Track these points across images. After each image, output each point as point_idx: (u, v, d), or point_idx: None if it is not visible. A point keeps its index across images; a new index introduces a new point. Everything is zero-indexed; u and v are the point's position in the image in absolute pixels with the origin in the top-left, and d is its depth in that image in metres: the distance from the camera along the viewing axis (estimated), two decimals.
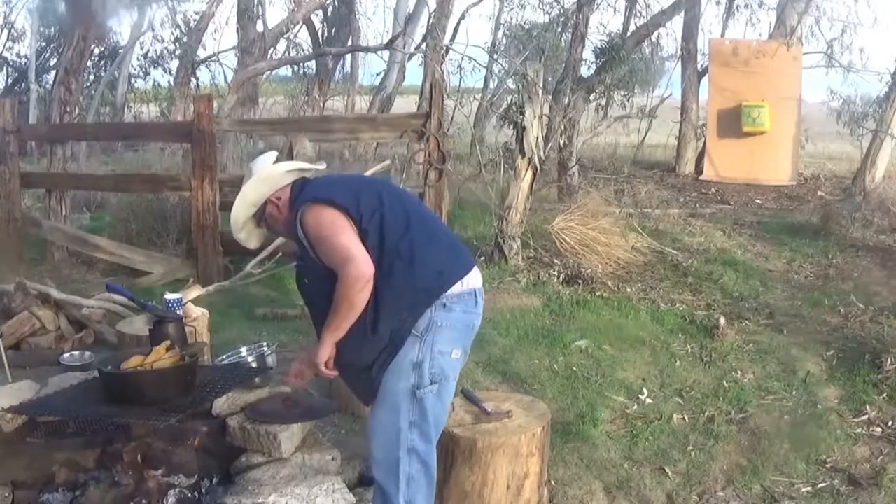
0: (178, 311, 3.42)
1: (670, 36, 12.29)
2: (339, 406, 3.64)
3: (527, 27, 11.05)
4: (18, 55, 15.62)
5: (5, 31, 15.42)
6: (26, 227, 6.87)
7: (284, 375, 2.81)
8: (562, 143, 8.98)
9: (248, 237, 2.59)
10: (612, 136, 11.84)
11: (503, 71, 10.80)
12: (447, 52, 11.41)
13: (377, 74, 14.05)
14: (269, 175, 2.49)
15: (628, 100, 10.54)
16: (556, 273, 6.18)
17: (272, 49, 12.46)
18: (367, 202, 2.38)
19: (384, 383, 2.40)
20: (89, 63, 12.60)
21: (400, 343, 2.36)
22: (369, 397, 2.47)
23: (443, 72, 10.15)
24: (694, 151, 11.84)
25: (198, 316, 3.79)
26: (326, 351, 2.39)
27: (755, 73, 10.75)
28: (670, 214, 8.46)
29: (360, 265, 2.27)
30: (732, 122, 10.78)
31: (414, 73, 14.58)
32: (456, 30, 14.03)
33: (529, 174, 6.53)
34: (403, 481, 2.42)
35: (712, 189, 10.51)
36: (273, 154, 2.61)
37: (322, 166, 2.65)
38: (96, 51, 13.69)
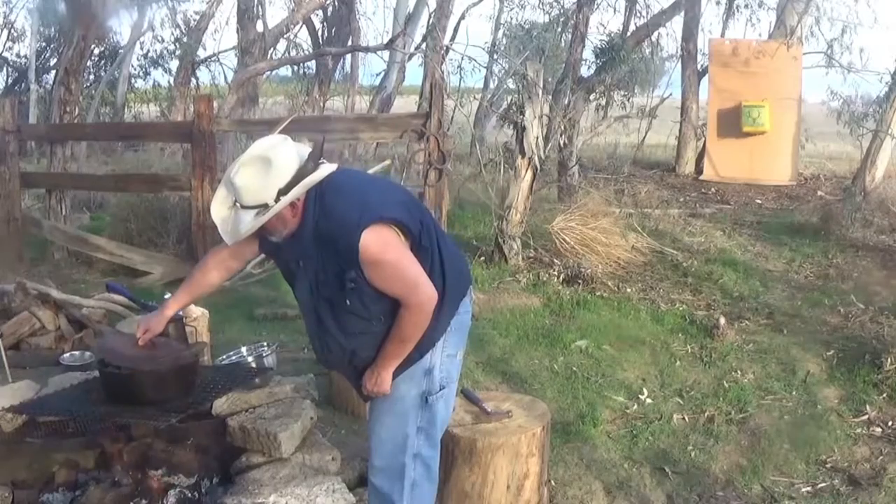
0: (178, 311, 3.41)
1: (670, 36, 12.29)
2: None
3: (527, 27, 11.00)
4: (18, 55, 15.62)
5: (5, 31, 15.43)
6: (26, 227, 6.87)
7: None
8: (562, 143, 8.96)
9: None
10: (612, 136, 11.83)
11: (503, 71, 10.79)
12: (447, 52, 11.39)
13: (377, 74, 14.07)
14: (308, 182, 2.20)
15: (628, 100, 10.52)
16: (556, 273, 6.17)
17: (272, 49, 12.43)
18: (416, 214, 2.26)
19: (394, 389, 2.36)
20: (89, 63, 12.60)
21: (425, 351, 2.33)
22: (376, 400, 2.42)
23: (443, 72, 10.13)
24: (694, 151, 11.83)
25: (198, 316, 3.78)
26: (389, 378, 2.32)
27: (755, 73, 10.74)
28: (670, 214, 8.45)
29: (428, 289, 2.20)
30: (732, 122, 10.77)
31: (414, 73, 14.59)
32: (456, 30, 14.06)
33: (529, 174, 6.53)
34: (408, 487, 2.40)
35: (712, 189, 10.51)
36: (297, 147, 2.29)
37: (333, 167, 2.38)
38: (96, 51, 13.68)
